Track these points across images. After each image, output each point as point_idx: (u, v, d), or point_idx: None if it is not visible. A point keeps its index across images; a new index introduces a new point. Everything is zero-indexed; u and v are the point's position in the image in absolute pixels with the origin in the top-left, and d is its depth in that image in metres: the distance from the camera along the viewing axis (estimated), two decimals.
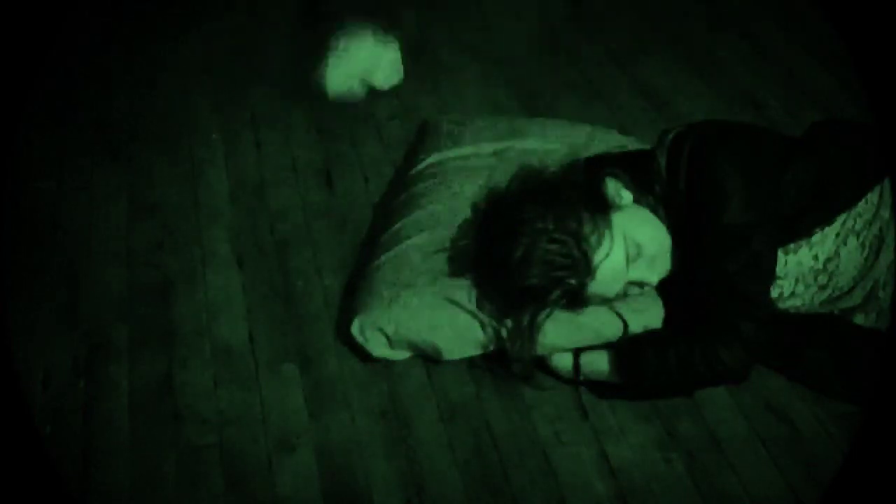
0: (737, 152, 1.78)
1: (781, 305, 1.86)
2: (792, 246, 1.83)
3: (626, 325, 1.83)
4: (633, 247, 1.78)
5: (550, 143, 2.19)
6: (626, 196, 1.81)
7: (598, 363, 1.82)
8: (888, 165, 1.79)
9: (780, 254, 1.82)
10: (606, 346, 1.82)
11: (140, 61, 2.79)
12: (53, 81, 2.51)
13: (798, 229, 1.82)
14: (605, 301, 1.82)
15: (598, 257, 1.76)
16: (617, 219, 1.78)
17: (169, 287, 2.06)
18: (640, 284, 1.82)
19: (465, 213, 1.98)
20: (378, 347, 1.87)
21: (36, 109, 2.45)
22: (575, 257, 1.74)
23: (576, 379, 1.83)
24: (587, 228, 1.75)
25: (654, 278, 1.82)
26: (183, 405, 1.82)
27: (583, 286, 1.77)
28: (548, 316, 1.78)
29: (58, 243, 2.18)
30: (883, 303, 1.82)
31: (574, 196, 1.79)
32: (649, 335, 1.83)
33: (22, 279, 2.08)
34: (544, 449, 1.75)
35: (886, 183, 1.80)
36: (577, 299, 1.79)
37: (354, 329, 1.87)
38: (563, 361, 1.84)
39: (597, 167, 1.88)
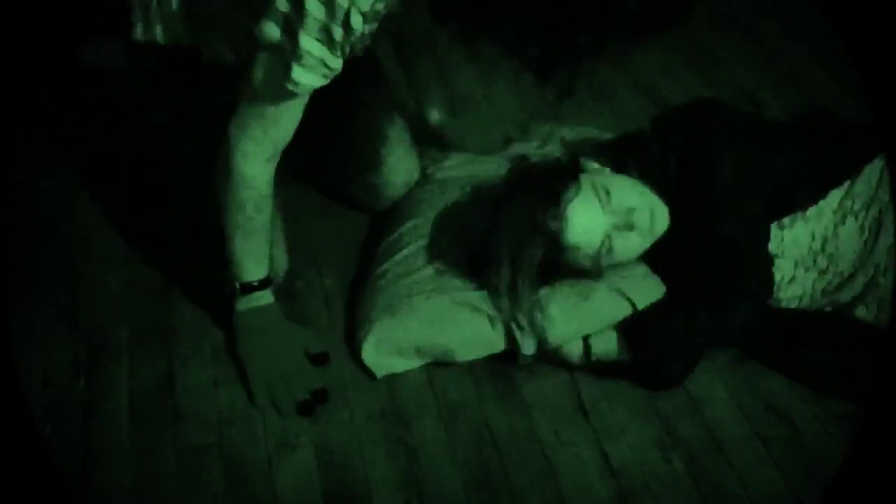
0: (729, 123, 1.86)
1: (782, 295, 1.86)
2: (787, 220, 1.85)
3: (633, 305, 1.83)
4: (602, 191, 1.82)
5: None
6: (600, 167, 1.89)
7: (607, 344, 1.83)
8: (885, 147, 1.80)
9: (775, 229, 1.85)
10: (614, 326, 1.84)
11: None
12: (54, 81, 2.50)
13: (791, 203, 1.84)
14: (595, 262, 1.83)
15: (566, 198, 1.80)
16: (585, 175, 1.85)
17: (169, 287, 2.06)
18: (629, 226, 1.82)
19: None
20: (383, 367, 1.87)
21: (36, 109, 2.44)
22: (545, 206, 1.80)
23: (588, 363, 1.84)
24: (557, 185, 1.82)
25: (641, 221, 1.83)
26: (183, 405, 1.82)
27: (560, 233, 1.79)
28: (532, 265, 1.79)
29: (58, 243, 2.18)
30: (883, 290, 1.81)
31: (551, 176, 1.86)
32: (653, 309, 1.84)
33: (22, 279, 2.08)
34: (544, 449, 1.75)
35: (884, 165, 1.82)
36: (559, 251, 1.81)
37: (368, 347, 1.86)
38: (574, 350, 1.84)
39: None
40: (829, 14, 2.60)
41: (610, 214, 1.82)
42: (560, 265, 1.84)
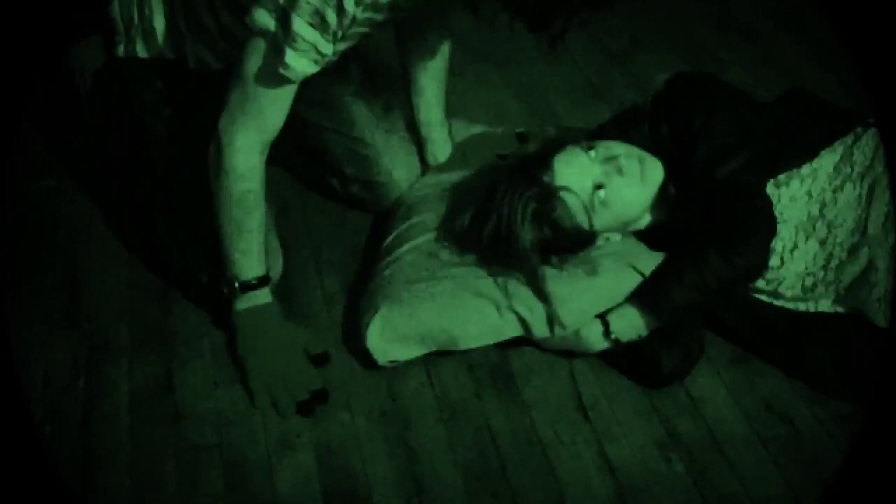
0: (719, 87, 1.98)
1: (786, 273, 1.87)
2: (782, 177, 1.89)
3: (641, 274, 1.85)
4: (584, 144, 1.87)
5: None
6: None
7: (626, 318, 1.84)
8: (885, 146, 1.83)
9: (772, 187, 1.88)
10: (626, 299, 1.85)
11: None
12: (54, 81, 2.50)
13: (784, 157, 1.90)
14: (589, 218, 1.85)
15: (554, 154, 1.87)
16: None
17: (169, 287, 2.06)
18: (618, 171, 1.85)
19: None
20: (387, 354, 1.87)
21: (36, 109, 2.45)
22: (537, 169, 1.86)
23: (610, 342, 1.85)
24: (547, 157, 1.88)
25: (629, 167, 1.86)
26: (183, 405, 1.82)
27: (550, 181, 1.84)
28: (524, 216, 1.82)
29: (58, 243, 2.18)
30: (879, 263, 1.81)
31: (543, 153, 1.91)
32: (662, 270, 1.85)
33: (22, 279, 2.08)
34: (544, 449, 1.75)
35: (877, 136, 1.88)
36: (551, 201, 1.83)
37: (372, 332, 1.85)
38: (593, 331, 1.85)
39: None
40: (828, 14, 2.60)
41: (597, 163, 1.85)
42: (555, 226, 1.85)
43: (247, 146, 1.76)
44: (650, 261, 1.87)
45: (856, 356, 1.81)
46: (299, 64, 1.67)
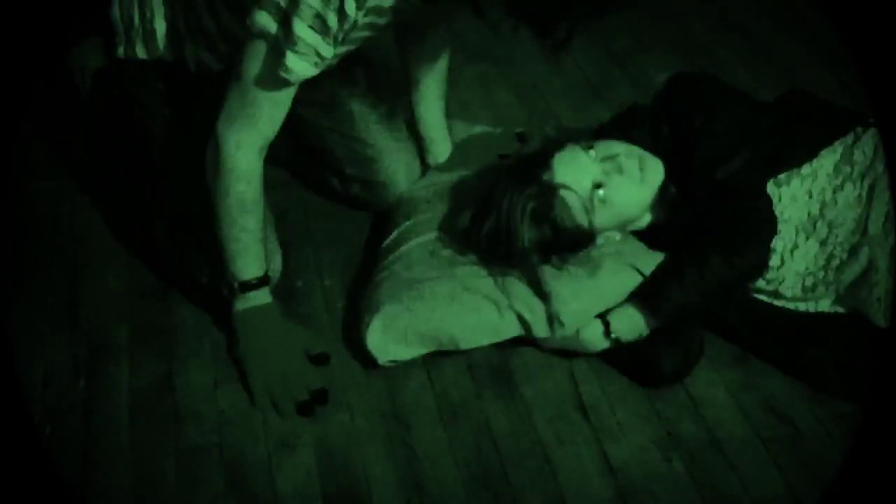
0: (719, 88, 1.97)
1: (786, 273, 1.87)
2: (783, 177, 1.89)
3: (641, 274, 1.85)
4: (584, 144, 1.88)
5: None
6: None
7: (627, 318, 1.84)
8: (885, 147, 1.83)
9: (772, 187, 1.89)
10: (627, 299, 1.85)
11: None
12: (54, 81, 2.51)
13: (784, 157, 1.90)
14: (589, 217, 1.85)
15: (553, 154, 1.87)
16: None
17: (169, 287, 2.06)
18: (618, 170, 1.85)
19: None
20: (387, 353, 1.86)
21: (36, 109, 2.45)
22: (537, 169, 1.86)
23: (611, 342, 1.85)
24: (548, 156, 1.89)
25: (629, 166, 1.86)
26: (183, 405, 1.82)
27: (549, 179, 1.84)
28: (524, 214, 1.82)
29: (58, 243, 2.18)
30: (880, 263, 1.81)
31: (543, 153, 1.91)
32: (662, 270, 1.86)
33: (22, 279, 2.08)
34: (544, 449, 1.75)
35: (877, 136, 1.88)
36: (551, 199, 1.83)
37: (373, 332, 1.85)
38: (593, 331, 1.85)
39: None
40: (828, 13, 2.60)
41: (596, 162, 1.86)
42: (554, 225, 1.85)
43: (245, 146, 1.76)
44: (650, 261, 1.87)
45: (856, 356, 1.82)
46: (299, 66, 1.68)
